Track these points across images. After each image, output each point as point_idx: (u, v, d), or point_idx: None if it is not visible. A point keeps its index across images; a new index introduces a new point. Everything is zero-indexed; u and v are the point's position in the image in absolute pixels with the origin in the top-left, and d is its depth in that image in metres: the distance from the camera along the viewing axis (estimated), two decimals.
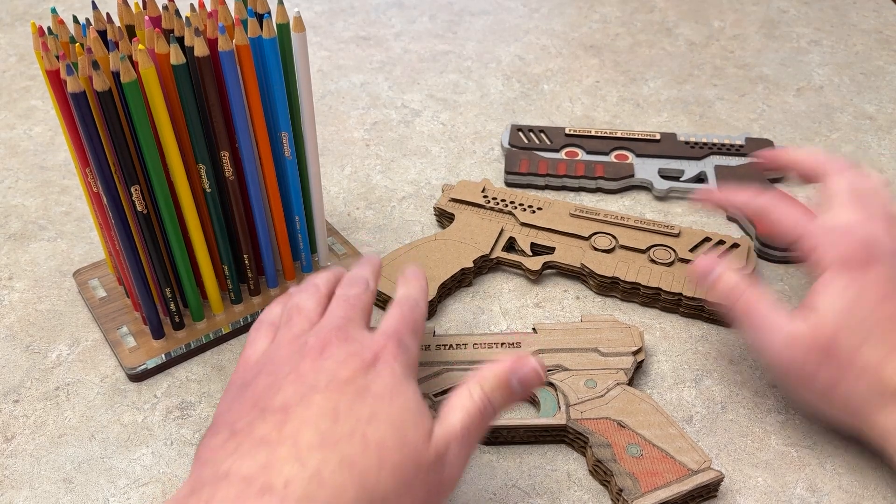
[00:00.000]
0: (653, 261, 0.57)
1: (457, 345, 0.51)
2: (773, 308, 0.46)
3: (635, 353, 0.51)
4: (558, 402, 0.48)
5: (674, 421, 0.47)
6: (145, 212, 0.47)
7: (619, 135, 0.71)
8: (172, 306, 0.52)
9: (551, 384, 0.49)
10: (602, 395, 0.48)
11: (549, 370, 0.50)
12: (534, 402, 0.49)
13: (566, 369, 0.50)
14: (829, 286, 0.45)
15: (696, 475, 0.44)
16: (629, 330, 0.52)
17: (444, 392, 0.48)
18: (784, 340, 0.45)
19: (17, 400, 0.51)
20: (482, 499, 0.45)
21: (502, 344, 0.51)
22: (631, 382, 0.51)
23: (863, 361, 0.43)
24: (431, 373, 0.49)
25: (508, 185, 0.68)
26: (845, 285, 0.44)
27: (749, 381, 0.52)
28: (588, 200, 0.67)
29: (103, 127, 0.44)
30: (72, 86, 0.41)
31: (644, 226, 0.60)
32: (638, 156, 0.69)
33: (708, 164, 0.68)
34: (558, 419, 0.47)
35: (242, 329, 0.55)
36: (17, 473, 0.47)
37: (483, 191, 0.64)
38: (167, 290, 0.51)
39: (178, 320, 0.53)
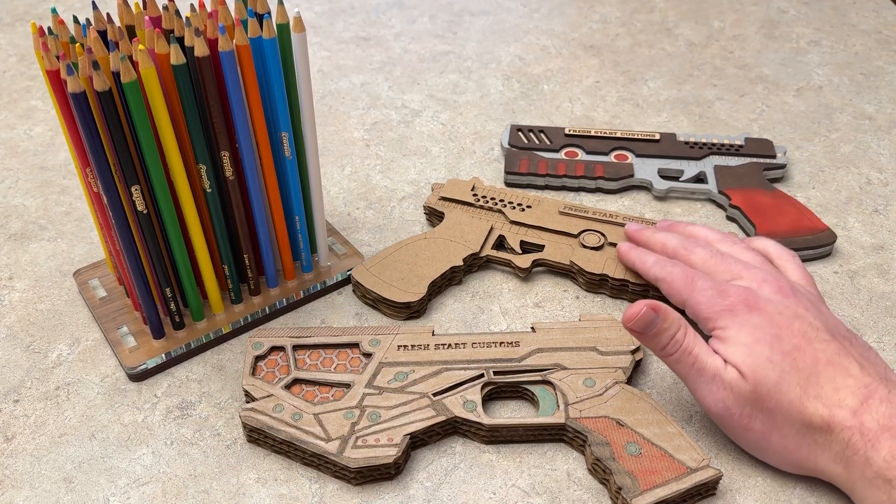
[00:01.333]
0: None
1: (455, 344, 0.51)
2: (708, 353, 0.46)
3: (633, 351, 0.51)
4: (557, 401, 0.48)
5: (672, 419, 0.47)
6: (145, 212, 0.47)
7: (618, 135, 0.71)
8: (172, 306, 0.52)
9: (550, 383, 0.50)
10: (601, 394, 0.48)
11: (547, 369, 0.50)
12: (532, 400, 0.50)
13: (565, 368, 0.50)
14: (725, 332, 0.46)
15: (695, 473, 0.44)
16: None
17: (445, 391, 0.48)
18: (718, 391, 0.45)
19: (18, 400, 0.51)
20: (482, 499, 0.45)
21: (501, 343, 0.51)
22: (630, 381, 0.51)
23: (786, 399, 0.43)
24: (430, 372, 0.49)
25: (508, 184, 0.68)
26: (737, 329, 0.46)
27: None
28: (588, 200, 0.67)
29: (103, 127, 0.44)
30: (72, 86, 0.41)
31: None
32: (637, 156, 0.69)
33: (707, 164, 0.68)
34: (557, 418, 0.47)
35: (242, 329, 0.55)
36: (17, 473, 0.47)
37: (472, 189, 0.64)
38: (167, 290, 0.51)
39: (178, 320, 0.53)
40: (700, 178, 0.68)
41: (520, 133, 0.72)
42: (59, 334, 0.55)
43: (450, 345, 0.51)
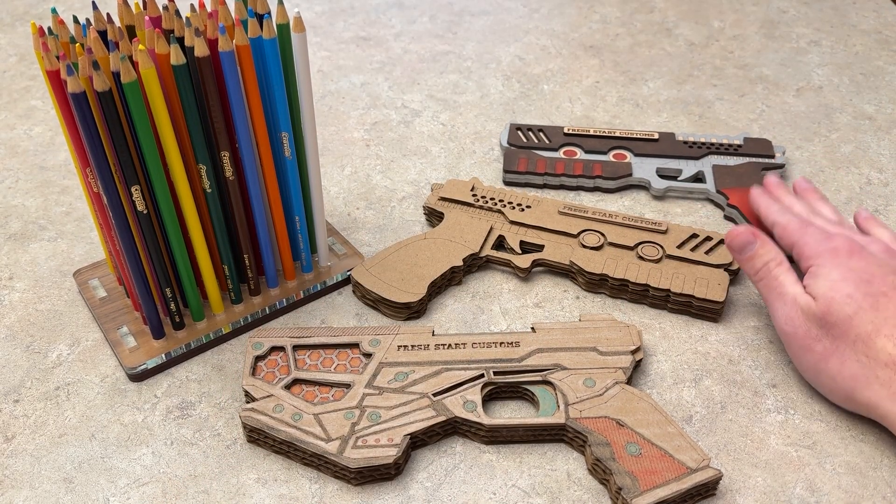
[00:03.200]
0: (641, 257, 0.58)
1: (455, 344, 0.51)
2: (793, 281, 0.50)
3: (633, 352, 0.51)
4: (557, 402, 0.48)
5: (672, 419, 0.47)
6: (145, 212, 0.47)
7: (617, 134, 0.71)
8: (172, 306, 0.52)
9: (550, 383, 0.50)
10: (601, 394, 0.48)
11: (547, 369, 0.50)
12: (533, 400, 0.50)
13: (565, 368, 0.50)
14: (819, 269, 0.49)
15: (695, 473, 0.44)
16: (628, 329, 0.52)
17: (445, 391, 0.48)
18: (786, 317, 0.50)
19: (18, 400, 0.51)
20: (482, 499, 0.45)
21: (501, 343, 0.51)
22: (630, 381, 0.51)
23: (855, 332, 0.47)
24: (430, 372, 0.49)
25: (507, 183, 0.68)
26: (832, 267, 0.49)
27: (749, 381, 0.52)
28: (587, 200, 0.67)
29: (103, 127, 0.44)
30: (72, 86, 0.41)
31: (632, 223, 0.60)
32: (636, 155, 0.69)
33: (706, 164, 0.68)
34: (557, 418, 0.47)
35: (242, 329, 0.55)
36: (17, 473, 0.47)
37: (472, 189, 0.64)
38: (167, 290, 0.51)
39: (178, 320, 0.53)
40: (698, 178, 0.68)
41: (519, 132, 0.72)
42: (59, 334, 0.55)
43: (450, 345, 0.51)
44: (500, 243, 0.61)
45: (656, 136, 0.71)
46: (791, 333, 0.50)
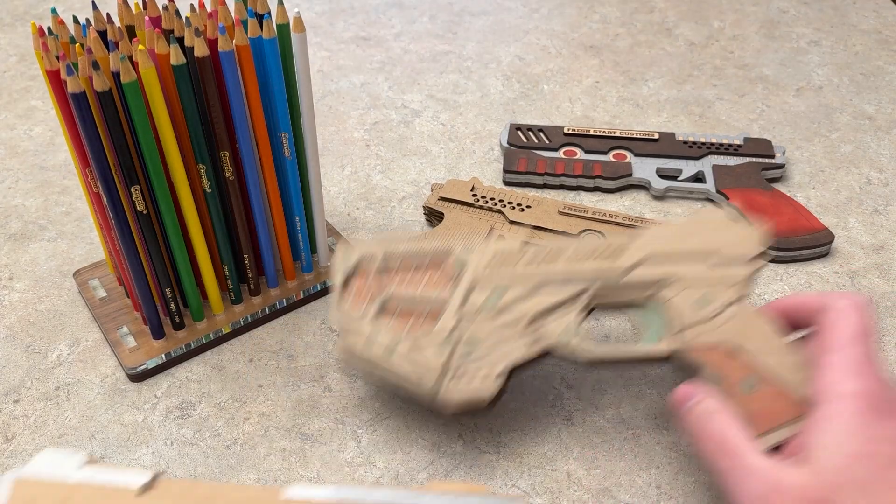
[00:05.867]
0: None
1: (552, 256, 0.45)
2: (754, 447, 0.38)
3: (754, 259, 0.44)
4: (664, 326, 0.43)
5: (795, 347, 0.41)
6: (145, 212, 0.47)
7: (617, 134, 0.71)
8: (172, 306, 0.52)
9: (657, 303, 0.44)
10: (715, 316, 0.42)
11: (656, 285, 0.44)
12: (638, 320, 0.44)
13: (675, 283, 0.44)
14: (834, 424, 0.36)
15: None
16: (750, 231, 0.45)
17: (542, 314, 0.43)
18: (765, 490, 0.36)
19: (18, 400, 0.51)
20: None
21: (605, 253, 0.45)
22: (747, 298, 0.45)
23: None
24: (526, 291, 0.44)
25: (507, 183, 0.68)
26: (856, 430, 0.36)
27: None
28: (587, 200, 0.67)
29: (103, 127, 0.44)
30: (72, 86, 0.41)
31: (632, 223, 0.60)
32: (636, 155, 0.69)
33: (706, 164, 0.68)
34: (665, 347, 0.42)
35: (242, 329, 0.55)
36: None
37: (472, 189, 0.64)
38: (167, 290, 0.51)
39: (178, 320, 0.53)
40: (698, 178, 0.68)
41: (518, 132, 0.72)
42: (58, 334, 0.55)
43: (546, 258, 0.45)
44: None
45: (656, 136, 0.71)
46: None
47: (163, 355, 0.52)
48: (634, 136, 0.71)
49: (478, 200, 0.63)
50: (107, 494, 0.36)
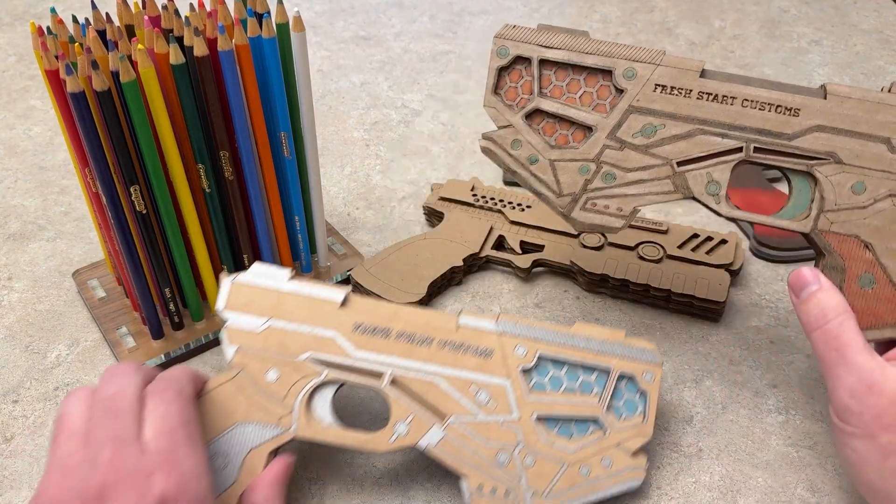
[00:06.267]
0: (641, 258, 0.58)
1: (723, 97, 0.42)
2: (865, 345, 0.40)
3: None
4: (811, 202, 0.42)
5: None
6: (144, 212, 0.47)
7: None
8: (172, 306, 0.52)
9: (813, 177, 0.42)
10: (865, 206, 0.41)
11: (818, 158, 0.42)
12: (789, 183, 0.43)
13: (839, 162, 0.41)
14: None
15: None
16: None
17: (691, 161, 0.42)
18: (865, 382, 0.39)
19: (17, 400, 0.51)
20: None
21: (778, 108, 0.42)
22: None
23: None
24: (683, 132, 0.43)
25: (507, 183, 0.68)
26: None
27: (749, 382, 0.52)
28: None
29: (102, 127, 0.44)
30: (71, 85, 0.41)
31: (632, 223, 0.60)
32: None
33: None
34: (802, 226, 0.41)
35: None
36: (16, 474, 0.47)
37: (472, 189, 0.64)
38: (166, 291, 0.51)
39: (177, 320, 0.53)
40: None
41: None
42: (58, 335, 0.55)
43: (716, 97, 0.42)
44: (501, 243, 0.61)
45: None
46: (853, 411, 0.39)
47: (162, 355, 0.52)
48: None
49: (478, 200, 0.63)
50: (314, 303, 0.44)
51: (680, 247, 0.58)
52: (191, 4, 0.45)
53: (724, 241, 0.59)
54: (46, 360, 0.53)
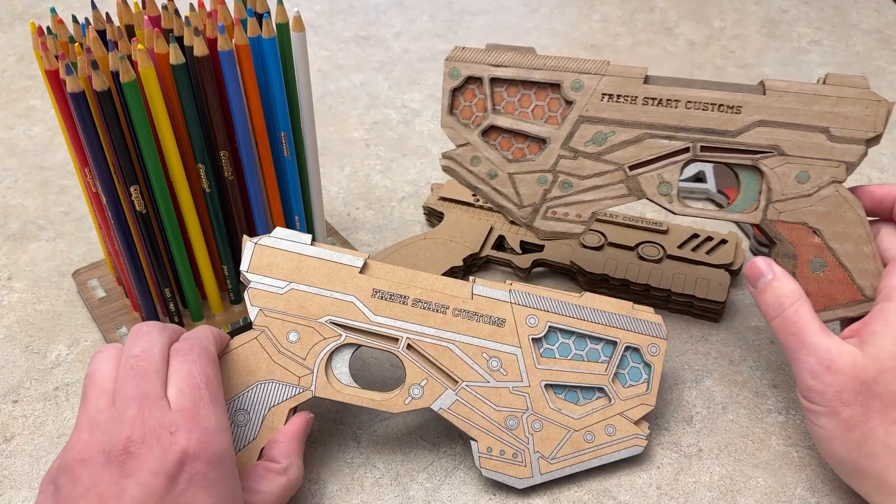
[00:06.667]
0: (641, 258, 0.58)
1: (667, 101, 0.44)
2: (820, 327, 0.42)
3: (870, 140, 0.43)
4: (759, 194, 0.44)
5: (872, 239, 0.43)
6: (144, 212, 0.47)
7: None
8: (172, 306, 0.52)
9: (759, 170, 0.44)
10: (810, 195, 0.43)
11: (762, 152, 0.44)
12: (700, 180, 0.46)
13: (782, 154, 0.43)
14: (892, 320, 0.41)
15: (868, 303, 0.43)
16: (877, 107, 0.43)
17: (642, 164, 0.45)
18: (823, 363, 0.41)
19: (17, 400, 0.51)
20: (482, 500, 0.45)
21: (720, 107, 0.44)
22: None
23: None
24: (632, 137, 0.45)
25: None
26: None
27: (749, 382, 0.52)
28: None
29: (102, 127, 0.44)
30: (71, 85, 0.41)
31: (632, 223, 0.60)
32: None
33: (707, 164, 0.68)
34: (752, 218, 0.44)
35: (242, 329, 0.55)
36: (16, 474, 0.47)
37: None
38: (166, 291, 0.51)
39: (177, 320, 0.53)
40: (699, 178, 0.67)
41: None
42: (57, 335, 0.55)
43: (661, 101, 0.44)
44: (501, 243, 0.61)
45: None
46: (816, 390, 0.41)
47: None
48: None
49: (478, 200, 0.63)
50: (334, 269, 0.45)
51: (680, 247, 0.58)
52: (191, 4, 0.45)
53: (724, 241, 0.59)
54: (46, 360, 0.53)
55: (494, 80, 0.46)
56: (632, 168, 0.45)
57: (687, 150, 0.44)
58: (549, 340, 0.46)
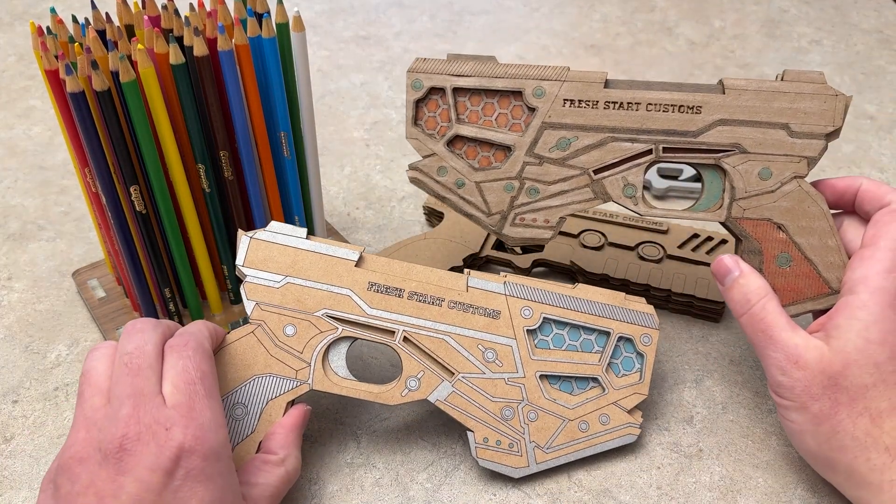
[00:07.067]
0: (642, 258, 0.58)
1: (628, 104, 0.45)
2: (787, 323, 0.43)
3: (829, 134, 0.44)
4: (723, 192, 0.44)
5: (836, 232, 0.44)
6: (144, 212, 0.47)
7: None
8: (171, 306, 0.52)
9: (722, 169, 0.45)
10: (773, 191, 0.44)
11: (723, 151, 0.44)
12: (699, 179, 0.47)
13: (744, 151, 0.44)
14: (863, 312, 0.41)
15: (834, 296, 0.44)
16: (834, 101, 0.44)
17: (607, 168, 0.45)
18: (791, 358, 0.42)
19: (17, 400, 0.51)
20: (482, 500, 0.45)
21: (680, 108, 0.44)
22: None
23: (865, 404, 0.40)
24: (595, 141, 0.45)
25: None
26: (881, 320, 0.41)
27: (750, 382, 0.52)
28: None
29: (102, 127, 0.44)
30: (71, 85, 0.41)
31: (633, 223, 0.60)
32: None
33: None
34: (716, 216, 0.45)
35: None
36: (16, 474, 0.47)
37: None
38: (166, 291, 0.51)
39: (177, 320, 0.53)
40: (699, 178, 0.67)
41: None
42: (57, 335, 0.55)
43: (622, 104, 0.44)
44: (501, 243, 0.61)
45: None
46: (786, 386, 0.42)
47: None
48: None
49: None
50: (330, 262, 0.45)
51: (680, 247, 0.58)
52: (191, 4, 0.45)
53: (724, 241, 0.59)
54: (46, 360, 0.53)
55: (457, 90, 0.46)
56: (596, 172, 0.45)
57: (650, 151, 0.45)
58: (543, 331, 0.46)
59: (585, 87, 0.45)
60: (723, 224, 0.45)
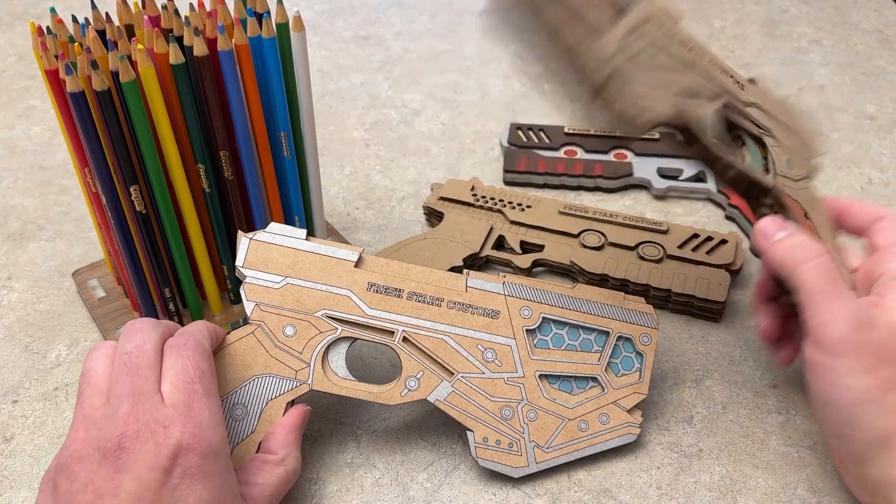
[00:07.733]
0: (642, 258, 0.58)
1: (699, 48, 0.43)
2: (846, 282, 0.40)
3: (814, 160, 0.46)
4: (768, 165, 0.44)
5: (836, 234, 0.45)
6: (144, 212, 0.47)
7: (618, 133, 0.71)
8: (171, 306, 0.52)
9: (763, 145, 0.44)
10: (796, 181, 0.44)
11: (762, 130, 0.45)
12: (700, 179, 0.46)
13: (774, 137, 0.45)
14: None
15: None
16: (815, 138, 0.47)
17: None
18: (862, 316, 0.38)
19: (16, 400, 0.51)
20: (482, 500, 0.45)
21: (731, 76, 0.44)
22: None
23: None
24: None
25: (507, 183, 0.68)
26: None
27: (749, 382, 0.52)
28: (588, 199, 0.66)
29: (102, 127, 0.44)
30: (71, 85, 0.41)
31: (633, 223, 0.60)
32: (637, 154, 0.69)
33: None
34: (766, 180, 0.43)
35: None
36: (16, 474, 0.47)
37: (472, 189, 0.64)
38: (166, 291, 0.51)
39: (177, 320, 0.53)
40: (699, 178, 0.67)
41: (519, 132, 0.72)
42: (57, 335, 0.55)
43: (692, 48, 0.42)
44: (501, 243, 0.61)
45: (657, 136, 0.70)
46: (854, 344, 0.38)
47: None
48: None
49: (478, 200, 0.63)
50: (329, 263, 0.46)
51: (680, 247, 0.58)
52: (191, 4, 0.45)
53: (724, 241, 0.59)
54: (46, 360, 0.53)
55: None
56: (678, 93, 0.41)
57: (720, 96, 0.42)
58: (542, 331, 0.47)
59: (670, 18, 0.41)
60: (768, 192, 0.43)
